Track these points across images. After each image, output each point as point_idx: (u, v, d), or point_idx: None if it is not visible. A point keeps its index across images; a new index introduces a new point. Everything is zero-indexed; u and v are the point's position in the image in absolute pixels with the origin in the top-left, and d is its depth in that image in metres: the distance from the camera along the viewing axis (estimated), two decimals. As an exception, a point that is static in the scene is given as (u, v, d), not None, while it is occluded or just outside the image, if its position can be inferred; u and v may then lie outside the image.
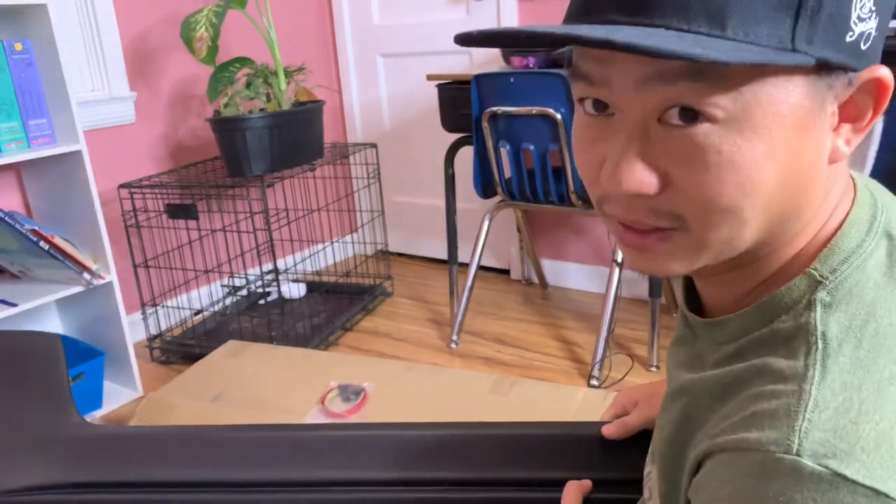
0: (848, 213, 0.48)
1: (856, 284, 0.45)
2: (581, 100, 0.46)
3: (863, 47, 0.42)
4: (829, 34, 0.40)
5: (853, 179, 0.50)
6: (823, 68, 0.41)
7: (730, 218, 0.43)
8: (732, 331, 0.49)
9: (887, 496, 0.37)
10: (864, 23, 0.41)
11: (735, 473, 0.41)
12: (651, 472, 0.60)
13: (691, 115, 0.41)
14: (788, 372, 0.43)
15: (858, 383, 0.41)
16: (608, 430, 0.80)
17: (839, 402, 0.40)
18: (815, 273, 0.45)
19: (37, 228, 1.88)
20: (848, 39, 0.41)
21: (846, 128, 0.45)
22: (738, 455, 0.41)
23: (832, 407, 0.40)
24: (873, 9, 0.41)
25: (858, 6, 0.41)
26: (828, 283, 0.45)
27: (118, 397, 2.11)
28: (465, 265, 2.34)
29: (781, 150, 0.42)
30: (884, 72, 0.43)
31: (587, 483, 0.75)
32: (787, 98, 0.41)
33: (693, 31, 0.40)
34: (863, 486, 0.37)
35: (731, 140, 0.41)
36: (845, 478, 0.37)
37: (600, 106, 0.45)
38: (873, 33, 0.42)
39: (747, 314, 0.48)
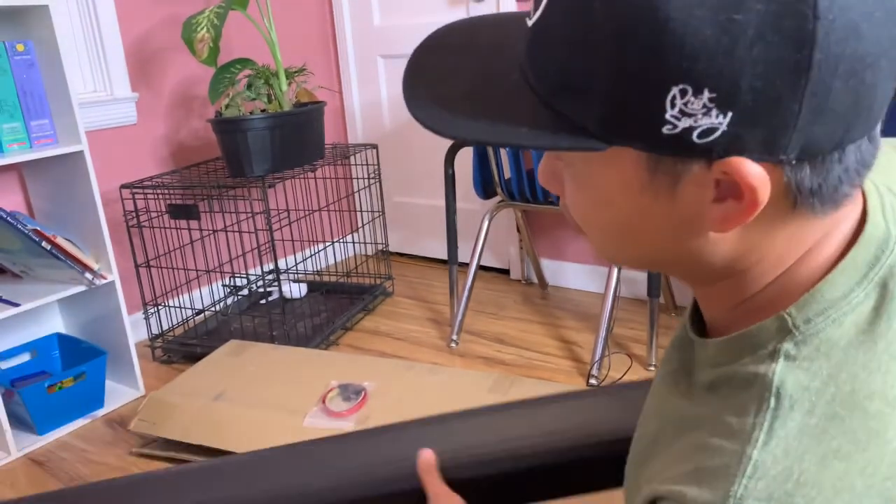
0: (844, 255, 0.44)
1: (826, 341, 0.42)
2: None
3: (697, 140, 0.39)
4: (630, 126, 0.40)
5: (867, 199, 0.46)
6: (654, 156, 0.41)
7: (600, 237, 0.49)
8: (711, 356, 0.49)
9: None
10: (690, 118, 0.38)
11: None
12: None
13: None
14: (736, 428, 0.42)
15: (802, 452, 0.39)
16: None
17: (778, 471, 0.39)
18: (788, 320, 0.43)
19: (39, 228, 1.89)
20: (666, 132, 0.39)
21: (729, 203, 0.41)
22: None
23: (770, 475, 0.39)
24: (710, 106, 0.37)
25: (677, 103, 0.38)
26: (797, 334, 0.43)
27: (120, 397, 2.12)
28: (465, 265, 2.35)
29: (617, 205, 0.45)
30: (744, 168, 0.39)
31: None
32: (620, 165, 0.43)
33: (530, 86, 0.44)
34: None
35: (577, 183, 0.47)
36: None
37: None
38: (721, 128, 0.38)
39: (720, 345, 0.48)
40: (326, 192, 2.96)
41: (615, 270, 2.02)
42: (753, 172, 0.39)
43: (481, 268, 2.88)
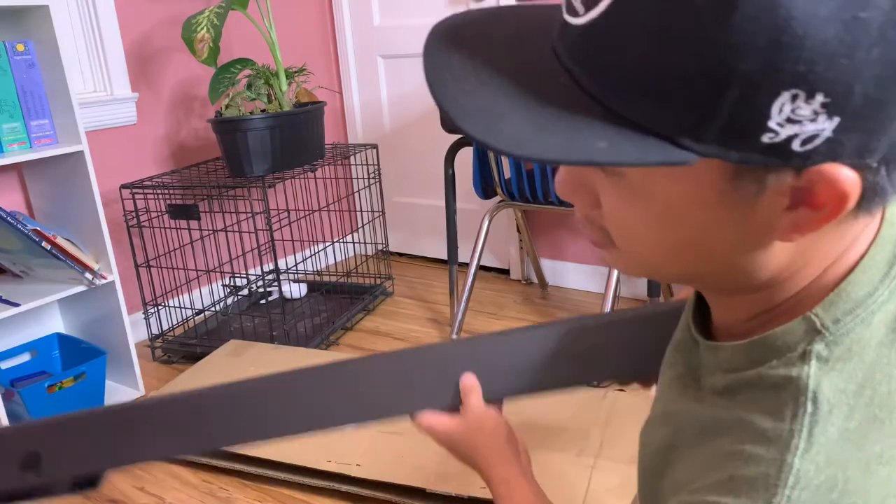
0: (865, 253, 0.43)
1: (857, 341, 0.41)
2: None
3: (797, 149, 0.36)
4: (730, 134, 0.36)
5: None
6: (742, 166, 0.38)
7: (642, 255, 0.45)
8: (724, 361, 0.47)
9: None
10: (795, 125, 0.35)
11: None
12: None
13: None
14: (772, 434, 0.40)
15: (845, 459, 0.38)
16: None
17: (822, 480, 0.38)
18: (816, 320, 0.42)
19: (39, 228, 1.89)
20: (766, 140, 0.36)
21: (803, 210, 0.39)
22: None
23: (814, 485, 0.38)
24: (820, 111, 0.35)
25: (785, 110, 0.35)
26: (828, 334, 0.41)
27: (120, 397, 2.12)
28: (466, 265, 2.35)
29: (684, 221, 0.41)
30: (838, 173, 0.37)
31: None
32: (693, 179, 0.39)
33: (591, 93, 0.39)
34: None
35: (631, 197, 0.42)
36: None
37: None
38: (825, 133, 0.35)
39: (739, 349, 0.46)
40: (326, 192, 2.96)
41: (615, 271, 2.02)
42: (847, 179, 0.37)
43: (481, 268, 2.88)
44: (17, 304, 1.84)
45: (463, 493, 1.48)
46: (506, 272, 2.89)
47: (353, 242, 3.18)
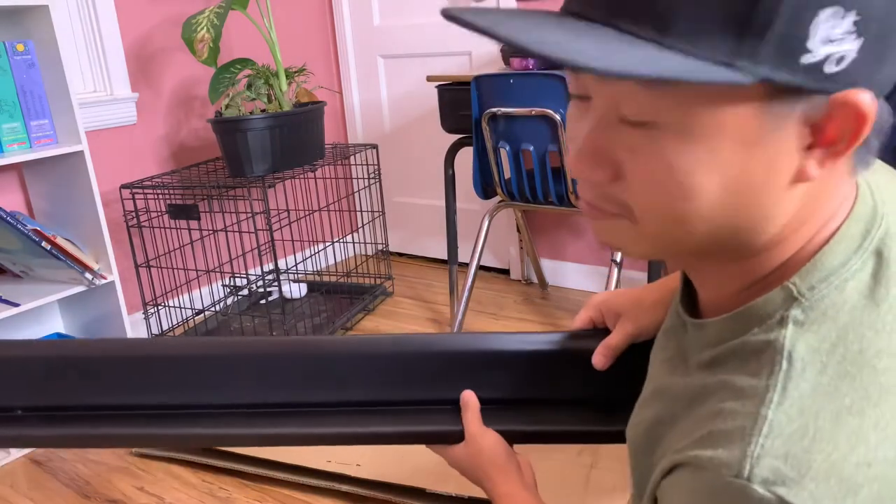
0: (840, 227, 0.46)
1: (832, 306, 0.44)
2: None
3: (830, 70, 0.38)
4: (779, 54, 0.38)
5: (858, 185, 0.48)
6: (779, 87, 0.39)
7: (669, 218, 0.45)
8: (711, 336, 0.49)
9: None
10: (830, 45, 0.38)
11: (689, 489, 0.43)
12: None
13: None
14: (749, 391, 0.43)
15: (816, 410, 0.40)
16: (597, 361, 0.75)
17: (794, 429, 0.40)
18: (793, 288, 0.45)
19: (39, 228, 1.89)
20: (804, 61, 0.38)
21: (820, 150, 0.42)
22: (694, 472, 0.43)
23: (786, 433, 0.40)
24: (852, 30, 0.38)
25: (823, 28, 0.37)
26: (804, 300, 0.44)
27: (120, 397, 2.12)
28: (466, 265, 2.35)
29: (723, 161, 0.42)
30: (861, 97, 0.39)
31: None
32: (733, 111, 0.40)
33: (639, 36, 0.40)
34: None
35: (672, 146, 0.42)
36: None
37: (581, 89, 0.47)
38: (853, 55, 0.38)
39: (725, 322, 0.48)
40: (326, 192, 2.96)
41: (615, 270, 2.02)
42: (867, 102, 0.40)
43: (481, 268, 2.88)
44: (16, 304, 1.84)
45: (463, 494, 1.48)
46: (506, 272, 2.89)
47: (353, 242, 3.18)
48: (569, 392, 0.79)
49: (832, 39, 0.38)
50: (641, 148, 0.43)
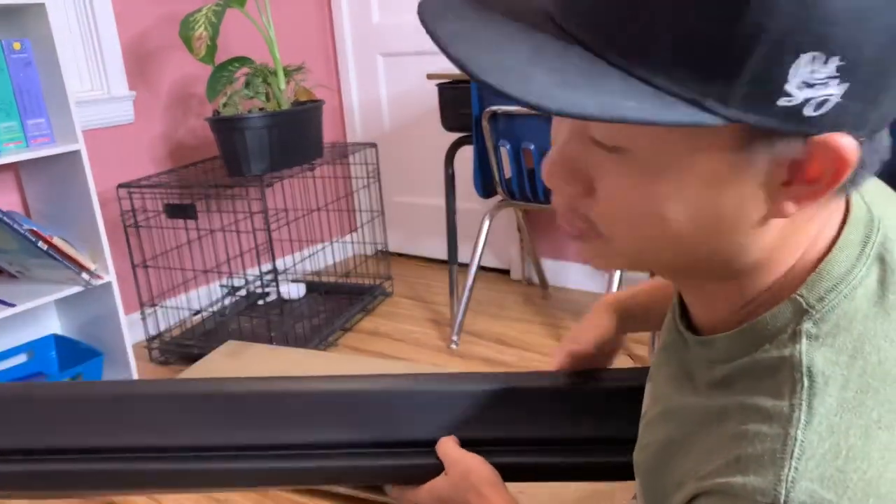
0: (839, 234, 0.45)
1: (843, 316, 0.43)
2: None
3: (810, 113, 0.37)
4: (752, 96, 0.37)
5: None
6: (754, 129, 0.38)
7: (636, 239, 0.45)
8: (718, 352, 0.48)
9: None
10: (810, 89, 0.36)
11: None
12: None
13: None
14: (773, 412, 0.41)
15: (846, 427, 0.39)
16: (557, 363, 0.78)
17: (826, 449, 0.39)
18: (802, 301, 0.43)
19: (35, 228, 1.87)
20: (782, 104, 0.37)
21: (798, 187, 0.40)
22: (725, 501, 0.41)
23: (819, 454, 0.39)
24: (835, 75, 0.36)
25: (803, 72, 0.36)
26: (814, 312, 0.43)
27: (117, 398, 2.10)
28: (466, 265, 2.33)
29: (691, 196, 0.41)
30: (843, 142, 0.38)
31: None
32: (703, 150, 0.40)
33: (607, 60, 0.38)
34: None
35: (639, 173, 0.41)
36: None
37: None
38: (836, 100, 0.37)
39: (732, 338, 0.47)
40: (325, 191, 2.94)
41: (617, 271, 2.01)
42: (849, 146, 0.38)
43: (481, 268, 2.86)
44: (13, 305, 1.83)
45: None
46: (506, 272, 2.88)
47: (352, 242, 3.17)
48: (556, 432, 0.77)
49: (812, 84, 0.36)
50: (610, 170, 0.43)
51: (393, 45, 2.91)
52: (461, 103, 2.14)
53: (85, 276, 1.94)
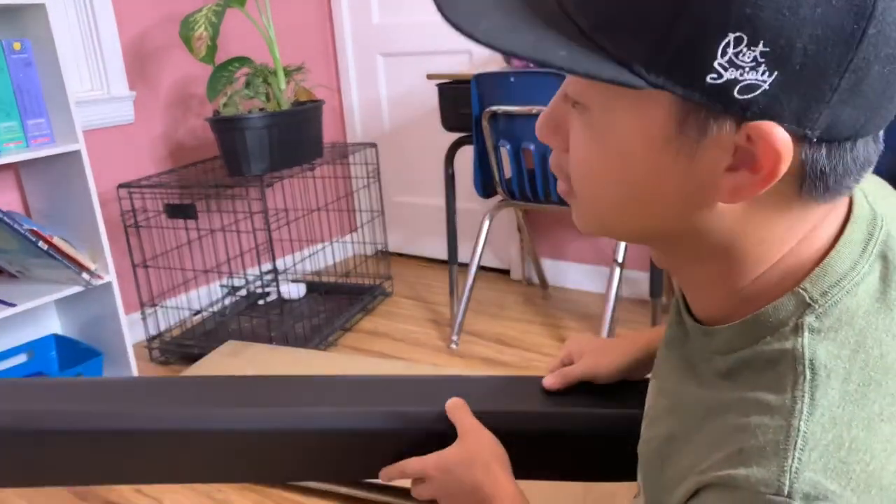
0: (842, 231, 0.45)
1: (846, 311, 0.43)
2: None
3: (737, 96, 0.38)
4: (679, 68, 0.38)
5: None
6: (689, 103, 0.40)
7: (595, 198, 0.47)
8: (720, 344, 0.48)
9: None
10: (737, 70, 0.37)
11: None
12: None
13: None
14: (775, 404, 0.41)
15: (848, 419, 0.40)
16: (548, 382, 0.78)
17: (829, 440, 0.39)
18: (805, 294, 0.44)
19: (35, 228, 1.87)
20: (710, 81, 0.38)
21: (743, 174, 0.41)
22: (728, 493, 0.41)
23: (822, 445, 0.39)
24: (760, 61, 0.37)
25: (730, 52, 0.37)
26: (817, 307, 0.43)
27: (117, 398, 2.10)
28: (466, 265, 2.33)
29: (633, 159, 0.43)
30: (775, 131, 0.38)
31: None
32: (646, 114, 0.41)
33: (569, 17, 0.41)
34: None
35: (594, 130, 0.44)
36: None
37: None
38: (763, 86, 0.37)
39: (733, 329, 0.47)
40: (325, 191, 2.94)
41: (617, 270, 2.01)
42: (781, 138, 0.39)
43: (482, 268, 2.86)
44: (13, 305, 1.83)
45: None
46: (506, 272, 2.88)
47: (352, 242, 3.17)
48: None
49: (739, 66, 0.37)
50: (575, 125, 0.46)
51: (393, 45, 2.91)
52: (461, 103, 2.14)
53: (85, 275, 1.94)
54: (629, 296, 2.51)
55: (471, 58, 2.69)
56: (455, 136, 2.33)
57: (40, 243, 1.85)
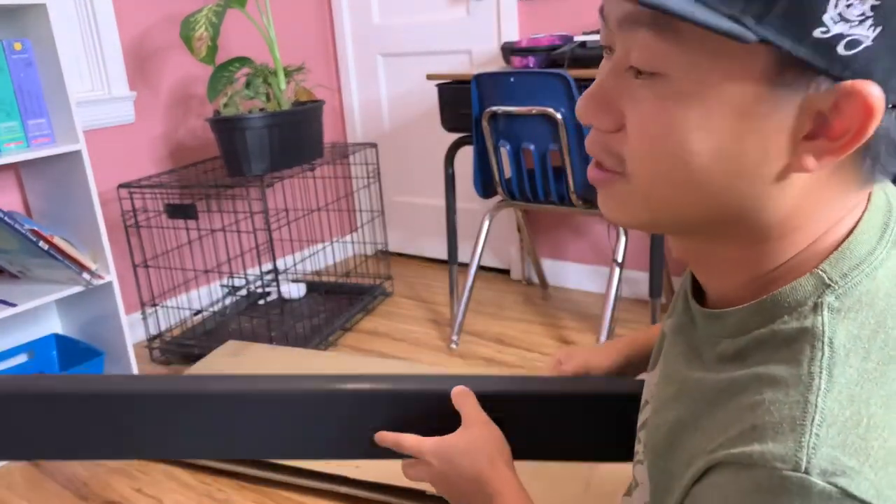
0: (860, 219, 0.46)
1: (866, 292, 0.43)
2: None
3: (841, 52, 0.38)
4: (788, 20, 0.38)
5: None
6: (786, 62, 0.39)
7: (660, 175, 0.45)
8: (731, 326, 0.48)
9: None
10: (845, 24, 0.37)
11: (739, 489, 0.40)
12: (641, 464, 0.58)
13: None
14: (791, 380, 0.41)
15: (867, 396, 0.39)
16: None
17: (847, 416, 0.39)
18: (824, 275, 0.44)
19: (36, 228, 1.88)
20: (816, 35, 0.37)
21: (821, 142, 0.41)
22: (742, 470, 0.40)
23: (840, 421, 0.39)
24: (869, 14, 0.37)
25: (841, 3, 0.37)
26: (837, 287, 0.43)
27: (118, 397, 2.10)
28: (466, 265, 2.34)
29: (716, 127, 0.41)
30: (871, 89, 0.38)
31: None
32: (734, 76, 0.40)
33: None
34: None
35: (671, 99, 0.42)
36: (854, 497, 0.36)
37: (606, 39, 0.48)
38: (866, 42, 0.37)
39: (747, 310, 0.47)
40: (325, 191, 2.95)
41: (616, 270, 2.01)
42: (877, 95, 0.38)
43: (481, 268, 2.86)
44: (14, 305, 1.83)
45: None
46: (506, 272, 2.88)
47: (353, 242, 3.17)
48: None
49: (848, 19, 0.37)
50: (643, 98, 0.43)
51: (393, 45, 2.91)
52: (461, 103, 2.15)
53: (86, 275, 1.95)
54: (628, 296, 2.51)
55: (470, 58, 2.70)
56: (455, 136, 2.33)
57: (41, 243, 1.85)
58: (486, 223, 2.26)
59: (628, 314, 2.40)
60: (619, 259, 2.01)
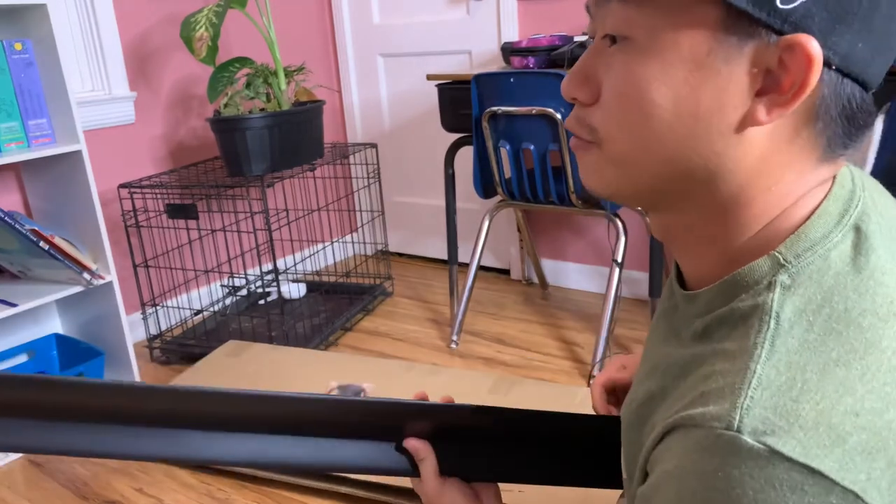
0: (819, 205, 0.48)
1: (817, 271, 0.45)
2: None
3: (779, 4, 0.41)
4: None
5: (839, 174, 0.51)
6: (732, 15, 0.42)
7: (628, 134, 0.48)
8: (701, 305, 0.51)
9: (822, 474, 0.38)
10: None
11: (682, 448, 0.43)
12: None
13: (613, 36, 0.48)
14: (738, 352, 0.44)
15: (804, 363, 0.42)
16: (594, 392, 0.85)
17: (782, 381, 0.41)
18: (780, 256, 0.46)
19: (37, 228, 1.88)
20: None
21: (772, 96, 0.44)
22: (686, 431, 0.43)
23: (775, 385, 0.41)
24: None
25: None
26: (790, 266, 0.46)
27: (118, 397, 2.10)
28: (466, 265, 2.34)
29: (675, 79, 0.45)
30: (810, 43, 0.42)
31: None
32: (688, 31, 0.44)
33: None
34: (798, 463, 0.38)
35: (636, 59, 0.46)
36: (782, 455, 0.38)
37: (591, 29, 0.52)
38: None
39: (712, 290, 0.50)
40: (325, 191, 2.95)
41: (616, 270, 2.02)
42: (815, 48, 0.42)
43: (481, 268, 2.87)
44: (14, 305, 1.83)
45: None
46: (506, 272, 2.88)
47: (353, 242, 3.17)
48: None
49: None
50: (614, 63, 0.48)
51: (393, 45, 2.92)
52: (461, 103, 2.15)
53: (86, 275, 1.95)
54: (628, 295, 2.51)
55: (470, 58, 2.70)
56: (455, 136, 2.33)
57: (41, 243, 1.86)
58: (486, 223, 2.26)
59: (628, 314, 2.41)
60: (619, 259, 2.01)
